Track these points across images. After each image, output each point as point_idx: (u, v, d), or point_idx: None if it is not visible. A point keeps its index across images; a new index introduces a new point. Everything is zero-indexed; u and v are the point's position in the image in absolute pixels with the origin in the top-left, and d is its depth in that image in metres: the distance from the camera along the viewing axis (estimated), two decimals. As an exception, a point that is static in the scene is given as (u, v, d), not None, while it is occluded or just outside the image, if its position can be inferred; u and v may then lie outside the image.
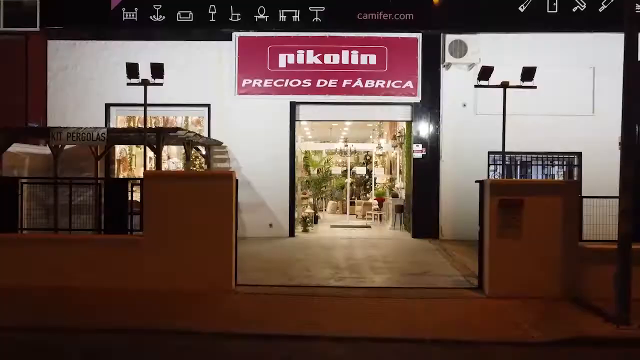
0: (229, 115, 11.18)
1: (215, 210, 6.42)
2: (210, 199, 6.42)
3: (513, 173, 11.73)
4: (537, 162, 11.63)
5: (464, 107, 11.09)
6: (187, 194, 6.42)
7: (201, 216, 6.39)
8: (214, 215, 6.41)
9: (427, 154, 11.14)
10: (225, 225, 6.46)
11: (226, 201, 6.45)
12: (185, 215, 6.39)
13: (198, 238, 6.39)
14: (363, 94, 11.09)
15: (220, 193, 6.45)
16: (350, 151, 14.52)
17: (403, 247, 10.07)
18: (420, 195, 11.17)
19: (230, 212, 6.47)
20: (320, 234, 11.89)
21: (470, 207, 11.23)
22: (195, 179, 6.52)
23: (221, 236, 6.44)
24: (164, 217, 6.38)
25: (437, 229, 11.11)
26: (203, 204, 6.40)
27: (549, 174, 12.11)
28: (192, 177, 6.56)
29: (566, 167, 12.51)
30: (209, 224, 6.41)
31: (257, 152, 11.16)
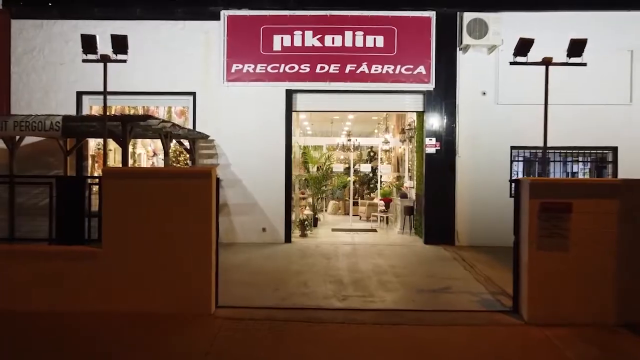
0: (217, 105, 10.09)
1: (190, 215, 5.34)
2: (184, 201, 5.34)
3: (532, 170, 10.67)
4: (558, 159, 10.54)
5: (483, 95, 9.98)
6: (155, 196, 5.34)
7: (172, 222, 5.32)
8: (189, 221, 5.34)
9: (441, 149, 10.04)
10: (203, 233, 5.38)
11: (204, 204, 5.37)
12: (153, 222, 5.32)
13: (168, 249, 5.32)
14: (369, 80, 9.99)
15: (196, 194, 5.36)
16: (353, 146, 13.41)
17: (415, 256, 8.98)
18: (433, 196, 10.08)
19: (208, 217, 5.39)
20: (320, 239, 10.81)
21: (491, 209, 10.22)
22: (166, 177, 5.43)
23: (197, 247, 5.37)
24: (126, 224, 5.30)
25: (452, 234, 10.02)
26: (175, 208, 5.33)
27: (571, 171, 11.03)
28: (162, 175, 5.47)
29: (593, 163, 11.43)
30: (182, 231, 5.33)
31: (248, 146, 10.08)
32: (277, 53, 9.99)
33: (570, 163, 11.12)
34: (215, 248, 5.59)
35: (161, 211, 5.33)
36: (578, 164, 11.57)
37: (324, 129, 18.45)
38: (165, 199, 5.34)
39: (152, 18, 10.06)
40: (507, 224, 10.07)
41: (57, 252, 5.47)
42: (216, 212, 5.62)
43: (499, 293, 6.38)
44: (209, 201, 5.40)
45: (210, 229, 5.44)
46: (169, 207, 5.32)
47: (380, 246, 9.89)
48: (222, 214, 9.97)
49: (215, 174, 5.52)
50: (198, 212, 5.37)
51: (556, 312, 5.16)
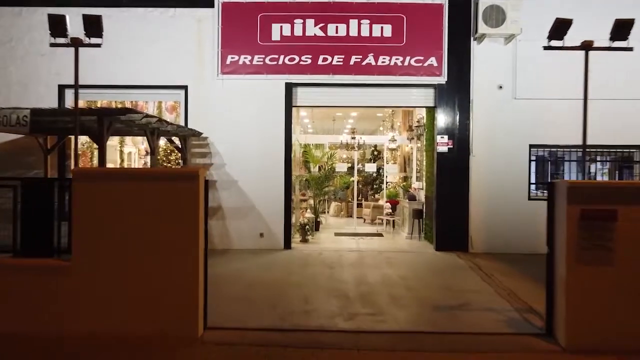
0: (211, 100, 9.41)
1: (174, 222, 4.67)
2: (167, 206, 4.67)
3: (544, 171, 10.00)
4: (574, 158, 9.84)
5: (499, 89, 9.30)
6: (134, 201, 4.66)
7: (153, 231, 4.64)
8: (173, 229, 4.67)
9: (454, 147, 9.35)
10: (189, 242, 4.70)
11: (190, 209, 4.69)
12: (130, 231, 4.64)
13: (148, 262, 4.64)
14: (375, 73, 9.31)
15: (181, 198, 4.68)
16: (358, 144, 12.72)
17: (427, 265, 8.30)
18: (445, 198, 9.40)
19: (195, 225, 4.71)
20: (322, 245, 10.12)
21: (508, 213, 9.52)
22: (147, 180, 4.75)
23: (182, 259, 4.69)
24: (100, 233, 4.63)
25: (465, 239, 9.34)
26: (157, 214, 4.65)
27: (588, 171, 10.32)
28: (142, 177, 4.79)
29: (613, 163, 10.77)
30: (165, 241, 4.66)
31: (245, 145, 9.40)
32: (276, 43, 9.30)
33: (587, 163, 10.41)
34: (204, 260, 4.92)
35: (140, 218, 4.65)
36: (596, 164, 10.90)
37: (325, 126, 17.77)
38: (145, 204, 4.66)
39: (140, 5, 9.39)
40: (525, 229, 9.54)
41: (15, 266, 4.79)
42: (205, 219, 4.95)
43: (525, 310, 5.69)
44: (196, 206, 4.72)
45: (197, 238, 4.76)
46: (149, 213, 4.65)
47: (388, 253, 9.20)
48: (216, 218, 9.31)
49: (203, 176, 4.84)
50: (183, 218, 4.70)
51: (601, 337, 4.49)
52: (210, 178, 9.39)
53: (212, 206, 9.37)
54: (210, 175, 9.42)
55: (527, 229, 9.21)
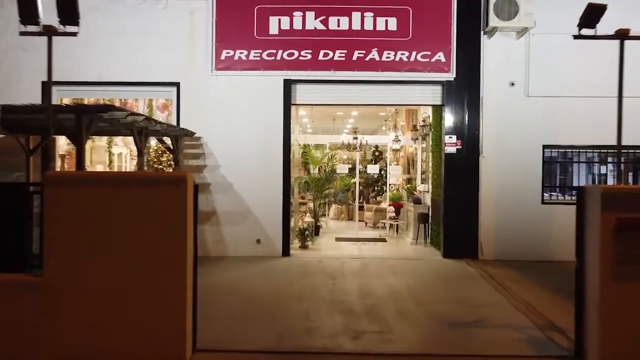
0: (204, 98, 8.92)
1: (158, 231, 4.19)
2: (151, 215, 4.19)
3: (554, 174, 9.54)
4: (581, 159, 9.35)
5: (511, 86, 8.83)
6: (114, 209, 4.17)
7: (136, 243, 4.16)
8: (157, 239, 4.18)
9: (462, 148, 8.88)
10: (175, 254, 4.22)
11: (176, 218, 4.21)
12: (109, 243, 4.16)
13: (130, 276, 4.16)
14: (379, 69, 8.84)
15: (167, 206, 4.20)
16: (360, 145, 12.24)
17: (435, 273, 7.83)
18: (454, 202, 8.93)
19: (182, 236, 4.24)
20: (323, 252, 9.65)
21: (520, 217, 9.04)
22: (129, 185, 4.27)
23: (168, 273, 4.21)
24: (75, 245, 4.14)
25: (475, 246, 8.87)
26: (139, 224, 4.17)
27: (598, 173, 9.86)
28: (124, 182, 4.30)
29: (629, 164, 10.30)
30: (149, 253, 4.18)
31: (240, 145, 8.92)
32: (274, 37, 8.83)
33: (597, 164, 9.93)
34: (193, 273, 4.45)
35: (121, 228, 4.16)
36: (606, 165, 10.43)
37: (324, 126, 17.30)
38: (127, 212, 4.18)
39: (130, -4, 8.89)
40: (538, 235, 9.05)
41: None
42: (194, 228, 4.48)
43: (547, 327, 5.22)
44: (184, 214, 4.24)
45: (185, 249, 4.28)
46: (131, 222, 4.16)
47: (393, 260, 8.72)
48: (210, 224, 8.84)
49: (191, 180, 4.35)
50: (170, 228, 4.22)
51: (638, 362, 4.02)
52: (204, 181, 8.92)
53: (206, 210, 8.89)
54: (203, 177, 8.94)
55: (540, 234, 8.77)
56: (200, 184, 8.91)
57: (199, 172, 8.94)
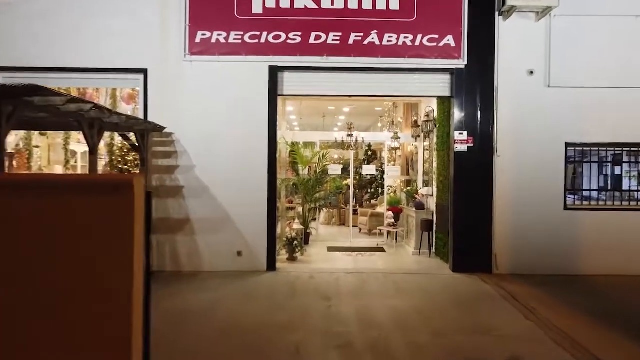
0: (177, 87, 7.83)
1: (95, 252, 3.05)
2: (86, 231, 3.04)
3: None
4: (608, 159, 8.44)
5: (530, 75, 7.87)
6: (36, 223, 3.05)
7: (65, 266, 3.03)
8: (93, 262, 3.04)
9: (475, 145, 7.89)
10: (117, 282, 3.07)
11: (119, 235, 3.07)
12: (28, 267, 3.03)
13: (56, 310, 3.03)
14: (380, 55, 7.82)
15: (104, 222, 3.09)
16: (355, 143, 11.19)
17: (447, 292, 6.82)
18: (464, 207, 7.94)
19: (126, 256, 3.09)
20: (314, 265, 8.60)
21: (540, 225, 8.04)
22: (56, 193, 3.16)
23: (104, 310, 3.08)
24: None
25: (489, 258, 7.89)
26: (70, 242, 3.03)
27: (612, 174, 8.93)
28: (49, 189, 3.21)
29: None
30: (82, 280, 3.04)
31: (219, 142, 7.85)
32: (258, 17, 7.76)
33: (611, 164, 9.01)
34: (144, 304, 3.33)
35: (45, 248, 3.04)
36: (621, 166, 9.52)
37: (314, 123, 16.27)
38: (53, 227, 3.06)
39: (89, -32, 7.76)
40: (561, 245, 7.76)
41: None
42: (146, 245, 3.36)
43: (600, 368, 4.23)
44: (128, 229, 3.12)
45: (130, 273, 3.14)
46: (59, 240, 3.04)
47: (395, 275, 7.69)
48: (184, 233, 7.76)
49: (141, 186, 3.24)
50: (110, 247, 3.10)
51: None
52: (176, 183, 7.82)
53: (179, 218, 7.80)
54: (175, 179, 7.83)
55: (563, 245, 7.83)
56: (172, 187, 7.82)
57: (170, 174, 7.83)
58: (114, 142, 8.76)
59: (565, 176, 7.92)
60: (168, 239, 7.81)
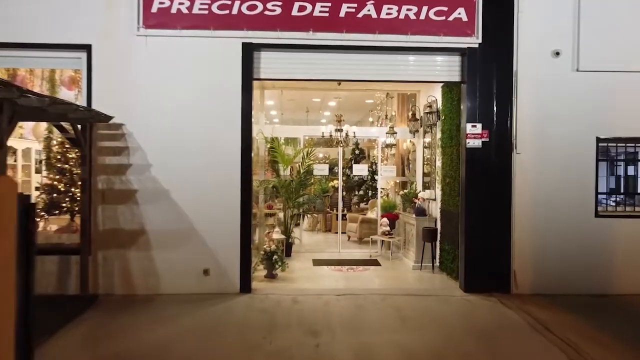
0: (128, 68, 6.50)
1: None
2: None
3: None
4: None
5: (556, 57, 6.75)
6: None
7: None
8: None
9: (490, 141, 6.73)
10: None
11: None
12: None
13: None
14: (377, 31, 6.62)
15: None
16: (345, 138, 9.93)
17: (464, 322, 5.62)
18: (477, 214, 6.77)
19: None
20: (297, 283, 7.36)
21: (567, 235, 6.95)
22: None
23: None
24: None
25: (507, 275, 6.75)
26: None
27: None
28: None
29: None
30: None
31: (181, 137, 6.55)
32: (229, -17, 6.48)
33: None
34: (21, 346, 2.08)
35: None
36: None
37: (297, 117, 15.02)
38: None
39: None
40: (592, 259, 6.60)
41: None
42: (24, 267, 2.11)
43: None
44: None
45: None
46: None
47: (397, 298, 6.47)
48: (137, 248, 6.48)
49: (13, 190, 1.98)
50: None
51: None
52: (127, 186, 6.48)
53: (130, 229, 6.47)
54: (126, 181, 6.50)
55: (595, 258, 6.74)
56: (122, 191, 6.48)
57: (121, 174, 6.49)
58: (52, 136, 7.37)
59: (596, 177, 6.81)
60: (117, 254, 6.47)
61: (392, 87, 9.94)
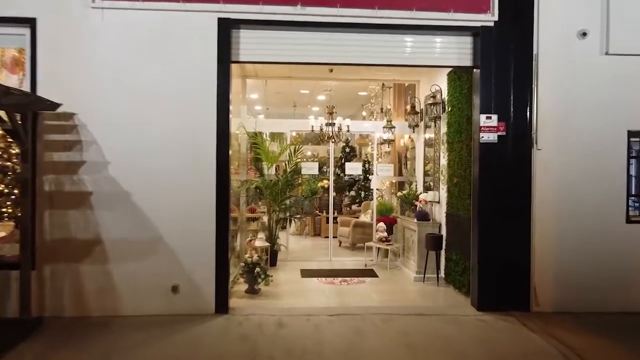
0: (81, 46, 5.55)
1: None
2: None
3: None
4: None
5: (582, 38, 5.92)
6: None
7: None
8: None
9: (507, 134, 5.89)
10: None
11: None
12: None
13: None
14: (376, 5, 5.75)
15: None
16: (338, 133, 9.00)
17: (484, 351, 4.75)
18: (492, 219, 5.92)
19: None
20: (283, 300, 6.46)
21: (595, 244, 6.01)
22: None
23: None
24: None
25: (525, 290, 5.92)
26: None
27: None
28: None
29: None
30: None
31: (145, 130, 5.63)
32: (201, -53, 5.54)
33: None
34: None
35: None
36: None
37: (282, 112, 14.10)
38: None
39: None
40: (625, 270, 5.72)
41: None
42: None
43: None
44: None
45: None
46: None
47: (401, 319, 5.58)
48: (91, 261, 5.55)
49: None
50: None
51: None
52: (80, 187, 5.53)
53: (84, 238, 5.52)
54: (79, 182, 5.54)
55: (627, 270, 5.94)
56: (74, 194, 5.52)
57: (72, 173, 5.53)
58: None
59: (628, 177, 6.01)
60: (68, 269, 5.51)
61: (390, 76, 9.05)
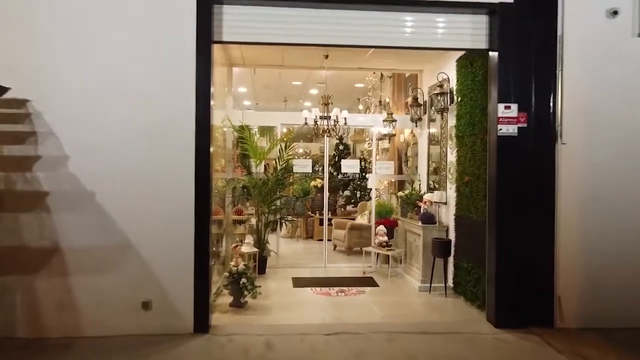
0: (34, 18, 4.80)
1: None
2: None
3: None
4: None
5: (612, 17, 5.26)
6: None
7: None
8: None
9: (529, 126, 5.22)
10: None
11: None
12: None
13: None
14: (379, -22, 5.04)
15: None
16: (334, 127, 8.26)
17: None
18: (510, 223, 5.25)
19: None
20: (273, 315, 5.75)
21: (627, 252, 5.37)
22: None
23: None
24: None
25: (549, 304, 5.26)
26: None
27: None
28: None
29: None
30: None
31: (111, 120, 4.89)
32: None
33: None
34: None
35: None
36: None
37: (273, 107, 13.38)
38: None
39: None
40: None
41: None
42: None
43: None
44: None
45: None
46: None
47: (408, 338, 4.90)
48: (48, 273, 4.82)
49: None
50: None
51: None
52: (35, 187, 4.77)
53: (38, 246, 4.77)
54: (33, 179, 4.78)
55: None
56: (27, 194, 4.77)
57: (25, 170, 4.78)
58: None
59: (663, 174, 5.37)
60: (21, 282, 4.76)
61: (390, 65, 8.37)
